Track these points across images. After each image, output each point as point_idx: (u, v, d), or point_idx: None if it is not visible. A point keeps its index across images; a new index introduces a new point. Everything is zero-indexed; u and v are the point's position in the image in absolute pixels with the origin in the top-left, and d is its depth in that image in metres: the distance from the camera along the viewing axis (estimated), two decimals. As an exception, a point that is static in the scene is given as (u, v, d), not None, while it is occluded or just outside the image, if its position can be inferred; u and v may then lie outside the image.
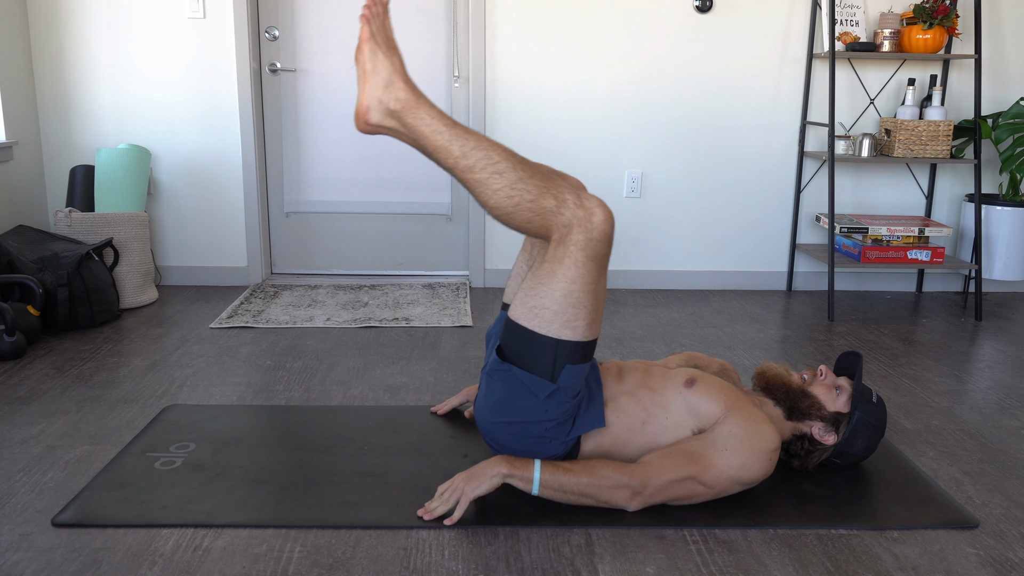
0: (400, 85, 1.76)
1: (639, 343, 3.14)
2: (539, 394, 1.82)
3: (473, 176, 1.75)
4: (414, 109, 1.76)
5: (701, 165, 3.90)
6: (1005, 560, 1.72)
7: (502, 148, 1.76)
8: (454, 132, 1.75)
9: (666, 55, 3.78)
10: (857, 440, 1.99)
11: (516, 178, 1.74)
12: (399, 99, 1.76)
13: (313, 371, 2.77)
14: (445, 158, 1.76)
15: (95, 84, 3.72)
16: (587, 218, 1.74)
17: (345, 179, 3.99)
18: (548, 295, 1.77)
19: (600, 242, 1.75)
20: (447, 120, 1.76)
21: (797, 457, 2.03)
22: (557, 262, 1.76)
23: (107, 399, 2.50)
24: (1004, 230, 3.74)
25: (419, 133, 1.76)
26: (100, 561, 1.66)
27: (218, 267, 3.92)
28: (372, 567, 1.66)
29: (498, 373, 1.86)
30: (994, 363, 2.99)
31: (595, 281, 1.78)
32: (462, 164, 1.75)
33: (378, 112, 1.77)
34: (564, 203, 1.75)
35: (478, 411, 1.93)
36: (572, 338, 1.79)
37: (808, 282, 4.04)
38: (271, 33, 3.83)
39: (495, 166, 1.74)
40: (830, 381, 2.01)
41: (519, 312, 1.82)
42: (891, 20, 3.62)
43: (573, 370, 1.81)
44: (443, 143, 1.75)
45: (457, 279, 4.05)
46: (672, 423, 1.91)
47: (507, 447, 1.90)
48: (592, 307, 1.79)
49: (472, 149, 1.74)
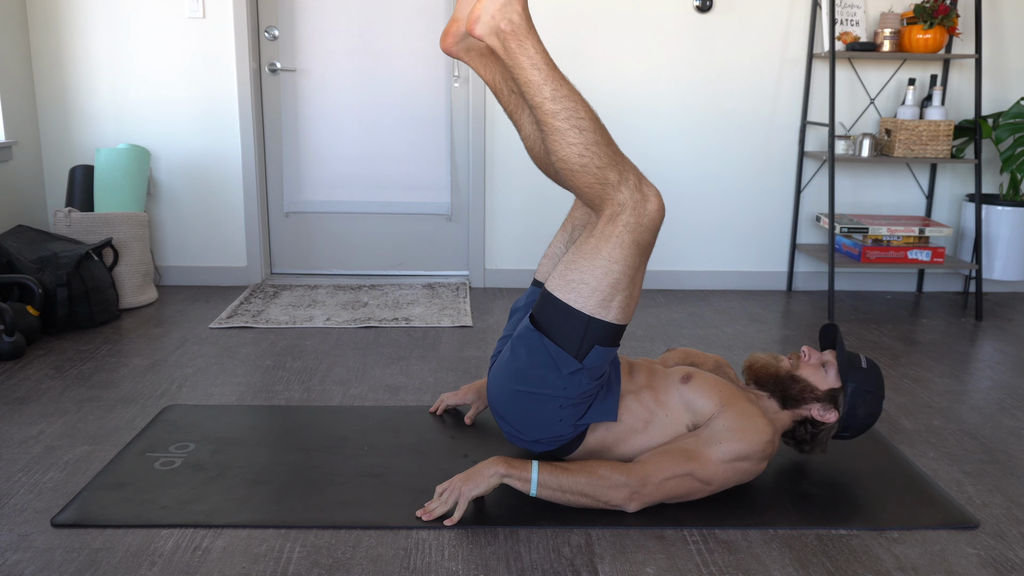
0: (517, 8, 1.75)
1: (639, 343, 3.13)
2: (563, 369, 1.81)
3: (555, 122, 1.74)
4: (523, 36, 1.75)
5: (701, 165, 3.90)
6: (1005, 560, 1.72)
7: (590, 108, 1.76)
8: (552, 73, 1.75)
9: (666, 55, 3.78)
10: (858, 409, 1.97)
11: (593, 140, 1.74)
12: (511, 21, 1.75)
13: (313, 371, 2.77)
14: (534, 94, 1.75)
15: (95, 84, 3.72)
16: (642, 202, 1.75)
17: (345, 179, 3.99)
18: (589, 270, 1.78)
19: (648, 229, 1.76)
20: (549, 60, 1.76)
21: (806, 442, 2.01)
22: (604, 239, 1.77)
23: (107, 399, 2.50)
24: (1004, 230, 3.73)
25: (518, 62, 1.75)
26: (100, 561, 1.66)
27: (218, 267, 3.92)
28: (372, 567, 1.65)
29: (525, 340, 1.85)
30: (994, 363, 2.99)
31: (635, 267, 1.78)
32: (548, 107, 1.74)
33: (486, 26, 1.76)
34: (626, 181, 1.75)
35: (493, 378, 1.92)
36: (604, 318, 1.79)
37: (808, 282, 4.04)
38: (271, 33, 3.82)
39: (579, 121, 1.74)
40: (815, 360, 2.00)
41: (556, 284, 1.82)
42: (891, 20, 3.62)
43: (600, 352, 1.81)
44: (538, 79, 1.74)
45: (457, 279, 4.05)
46: (670, 421, 1.92)
47: (513, 418, 1.89)
48: (628, 291, 1.79)
49: (563, 97, 1.74)
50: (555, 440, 1.89)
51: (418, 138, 3.94)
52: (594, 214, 1.82)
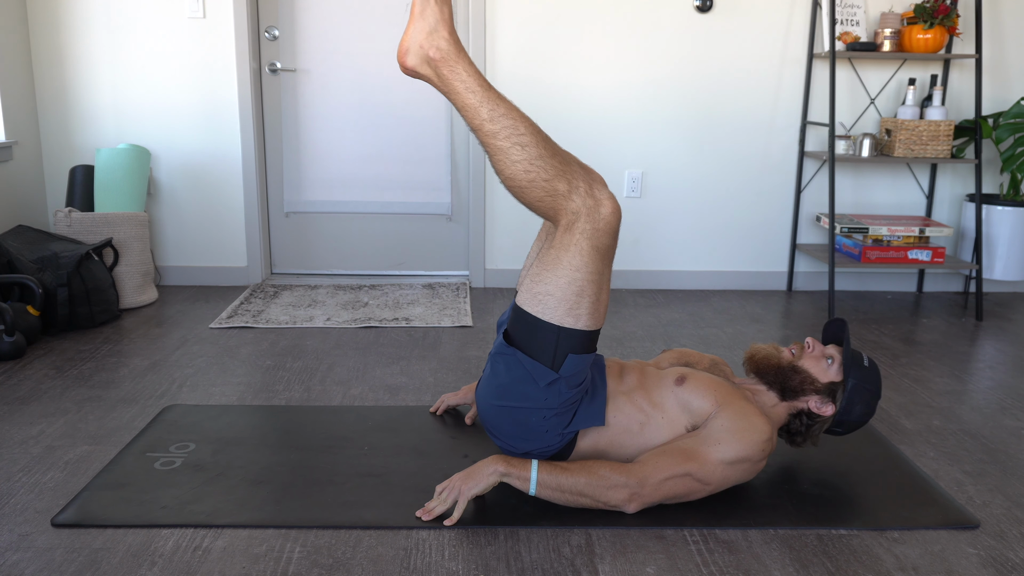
0: (444, 35, 1.76)
1: (639, 343, 3.13)
2: (540, 381, 1.82)
3: (496, 142, 1.75)
4: (452, 62, 1.76)
5: (701, 165, 3.90)
6: (1006, 560, 1.72)
7: (530, 122, 1.77)
8: (487, 94, 1.75)
9: (666, 55, 3.78)
10: (855, 406, 1.97)
11: (537, 154, 1.74)
12: (439, 48, 1.76)
13: (313, 371, 2.77)
14: (472, 117, 1.76)
15: (95, 84, 3.72)
16: (595, 208, 1.75)
17: (345, 179, 3.99)
18: (552, 281, 1.79)
19: (605, 233, 1.76)
20: (483, 81, 1.76)
21: (799, 434, 2.01)
22: (563, 249, 1.78)
23: (107, 399, 2.50)
24: (1005, 230, 3.73)
25: (452, 87, 1.77)
26: (100, 561, 1.66)
27: (218, 267, 3.92)
28: (372, 567, 1.65)
29: (502, 356, 1.87)
30: (995, 363, 2.99)
31: (599, 272, 1.79)
32: (487, 128, 1.75)
33: (416, 56, 1.78)
34: (576, 190, 1.75)
35: (480, 393, 1.94)
36: (574, 326, 1.80)
37: (808, 282, 4.04)
38: (271, 33, 3.82)
39: (519, 137, 1.74)
40: (819, 352, 2.00)
41: (524, 298, 1.84)
42: (892, 20, 3.62)
43: (575, 360, 1.82)
44: (474, 103, 1.75)
45: (457, 279, 4.04)
46: (667, 422, 1.91)
47: (502, 432, 1.90)
48: (595, 297, 1.80)
49: (501, 116, 1.75)
50: (545, 450, 1.90)
51: (418, 138, 3.94)
52: (552, 226, 1.83)
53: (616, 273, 3.98)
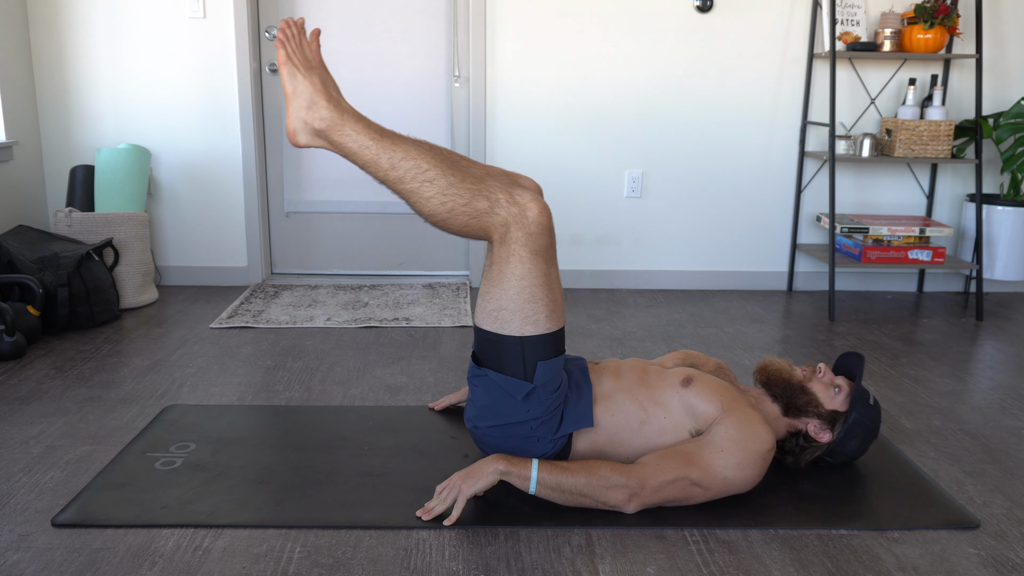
0: (323, 104, 1.78)
1: (639, 343, 3.13)
2: (517, 395, 1.84)
3: (404, 187, 1.77)
4: (338, 127, 1.78)
5: (702, 165, 3.90)
6: (1006, 560, 1.72)
7: (432, 155, 1.78)
8: (381, 145, 1.77)
9: (666, 55, 3.78)
10: (851, 440, 1.99)
11: (447, 184, 1.76)
12: (323, 118, 1.78)
13: (313, 371, 2.77)
14: (375, 172, 1.79)
15: (95, 84, 3.72)
16: (521, 214, 1.77)
17: (345, 179, 3.99)
18: (503, 296, 1.80)
19: (540, 235, 1.78)
20: (374, 134, 1.78)
21: (791, 454, 2.03)
22: (504, 262, 1.79)
23: (107, 399, 2.50)
24: (1005, 230, 3.73)
25: (347, 150, 1.79)
26: (100, 561, 1.66)
27: (218, 267, 3.92)
28: (372, 567, 1.65)
29: (477, 379, 1.90)
30: (995, 363, 2.99)
31: (545, 273, 1.80)
32: (392, 176, 1.77)
33: (304, 133, 1.81)
34: (497, 203, 1.77)
35: (468, 419, 1.96)
36: (535, 332, 1.81)
37: (809, 282, 4.04)
38: (271, 33, 3.82)
39: (424, 174, 1.76)
40: (828, 379, 2.02)
41: (481, 318, 1.86)
42: (892, 20, 3.62)
43: (546, 365, 1.83)
44: (371, 158, 1.77)
45: (457, 279, 4.05)
46: (671, 423, 1.90)
47: (499, 449, 1.92)
48: (548, 298, 1.81)
49: (400, 160, 1.76)
50: (542, 457, 1.90)
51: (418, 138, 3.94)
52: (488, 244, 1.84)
53: (616, 273, 3.98)
